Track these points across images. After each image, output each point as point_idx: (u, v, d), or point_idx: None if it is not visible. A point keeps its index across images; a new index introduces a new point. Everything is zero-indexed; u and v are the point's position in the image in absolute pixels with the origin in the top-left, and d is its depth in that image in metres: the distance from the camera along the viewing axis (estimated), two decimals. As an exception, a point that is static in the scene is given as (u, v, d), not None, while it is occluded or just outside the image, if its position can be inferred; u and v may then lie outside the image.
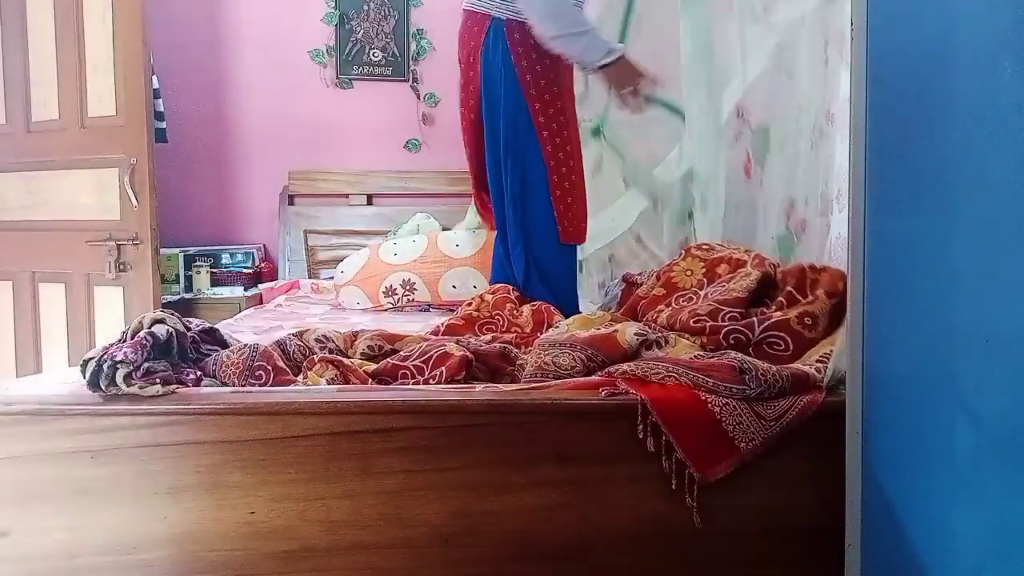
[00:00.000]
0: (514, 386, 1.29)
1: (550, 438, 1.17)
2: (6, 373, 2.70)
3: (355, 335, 1.58)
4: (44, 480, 1.16)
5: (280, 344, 1.51)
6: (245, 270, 3.30)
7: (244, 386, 1.30)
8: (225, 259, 3.32)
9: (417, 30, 3.48)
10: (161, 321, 1.32)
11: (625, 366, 1.25)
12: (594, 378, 1.25)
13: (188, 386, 1.25)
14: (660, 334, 1.40)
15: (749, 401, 1.16)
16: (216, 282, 3.23)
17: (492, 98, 2.04)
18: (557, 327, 1.57)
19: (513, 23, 1.98)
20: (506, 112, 2.02)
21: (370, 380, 1.35)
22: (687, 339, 1.39)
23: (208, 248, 3.34)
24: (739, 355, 1.22)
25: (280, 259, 3.42)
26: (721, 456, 1.14)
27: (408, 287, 2.75)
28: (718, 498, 1.16)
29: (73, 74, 2.55)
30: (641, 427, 1.15)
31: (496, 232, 2.23)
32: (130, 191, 2.44)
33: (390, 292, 2.77)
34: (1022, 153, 0.74)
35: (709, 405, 1.15)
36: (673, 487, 1.15)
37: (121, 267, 2.50)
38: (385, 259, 2.83)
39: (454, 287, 2.72)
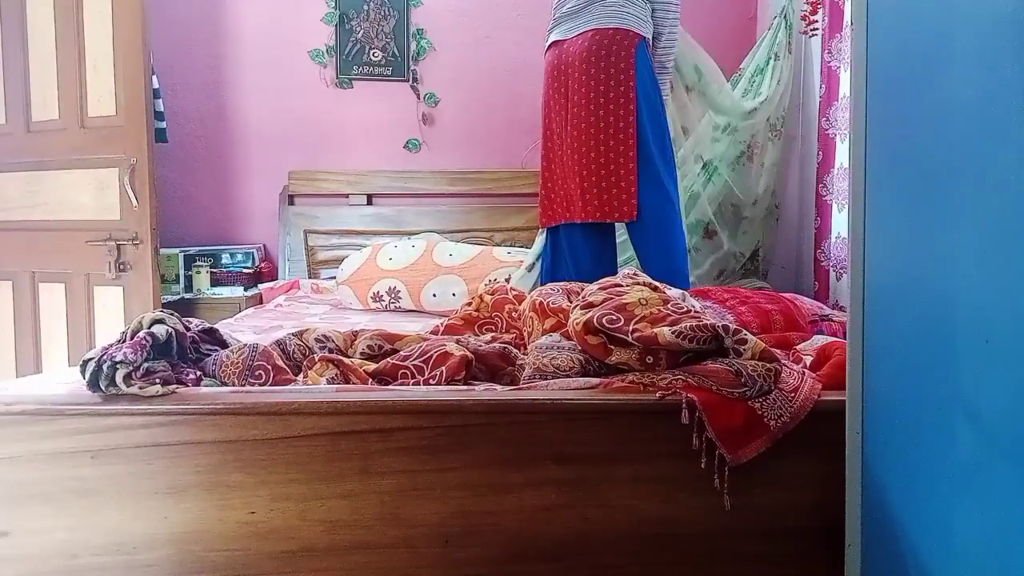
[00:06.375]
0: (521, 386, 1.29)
1: (550, 438, 1.17)
2: (6, 373, 2.71)
3: (355, 335, 1.58)
4: (44, 480, 1.16)
5: (280, 344, 1.51)
6: (245, 270, 3.30)
7: (244, 386, 1.30)
8: (225, 259, 3.32)
9: (417, 30, 3.48)
10: (161, 321, 1.32)
11: (632, 376, 1.25)
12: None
13: (188, 386, 1.25)
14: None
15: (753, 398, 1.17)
16: (216, 282, 3.23)
17: (648, 103, 2.34)
18: (551, 335, 1.56)
19: (647, 42, 2.38)
20: (661, 117, 2.40)
21: (370, 380, 1.35)
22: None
23: (208, 248, 3.34)
24: (725, 360, 1.22)
25: (280, 259, 3.42)
26: (752, 437, 1.15)
27: (393, 294, 2.82)
28: (718, 498, 1.17)
29: (73, 74, 2.55)
30: (686, 414, 1.16)
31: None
32: (130, 191, 2.44)
33: (377, 298, 2.84)
34: (1022, 153, 0.74)
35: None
36: (703, 465, 1.16)
37: (121, 267, 2.50)
38: (380, 263, 2.88)
39: (434, 295, 2.79)
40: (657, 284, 1.58)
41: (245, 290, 3.21)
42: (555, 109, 2.45)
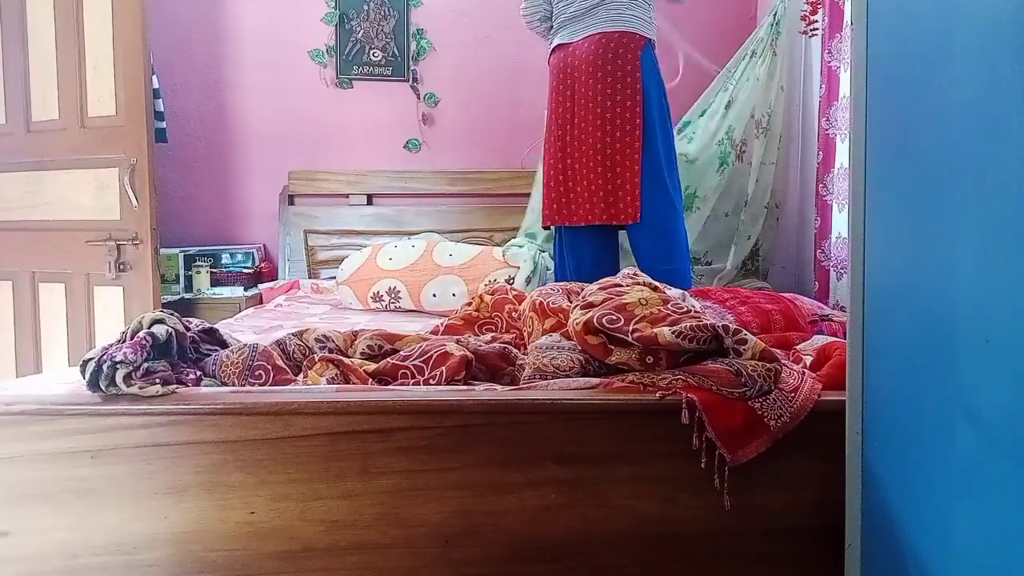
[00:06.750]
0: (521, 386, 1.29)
1: (550, 438, 1.17)
2: (6, 373, 2.71)
3: (355, 335, 1.58)
4: (44, 480, 1.16)
5: (280, 344, 1.51)
6: (245, 270, 3.30)
7: (244, 386, 1.30)
8: (225, 259, 3.32)
9: (417, 30, 3.48)
10: (161, 321, 1.32)
11: (632, 376, 1.25)
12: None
13: (188, 386, 1.25)
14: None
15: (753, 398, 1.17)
16: (216, 282, 3.23)
17: (656, 105, 2.39)
18: (551, 335, 1.56)
19: (653, 44, 2.41)
20: (667, 119, 2.44)
21: (370, 380, 1.35)
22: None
23: (208, 248, 3.34)
24: (725, 360, 1.22)
25: (280, 259, 3.42)
26: (752, 437, 1.15)
27: (393, 294, 2.82)
28: (718, 498, 1.17)
29: (73, 74, 2.55)
30: (686, 414, 1.15)
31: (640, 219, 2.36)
32: (130, 191, 2.44)
33: (377, 298, 2.84)
34: (1022, 152, 0.74)
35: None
36: (703, 466, 1.16)
37: (121, 267, 2.50)
38: (380, 263, 2.88)
39: (434, 295, 2.79)
40: (657, 284, 1.58)
41: (245, 290, 3.21)
42: (560, 112, 2.46)
